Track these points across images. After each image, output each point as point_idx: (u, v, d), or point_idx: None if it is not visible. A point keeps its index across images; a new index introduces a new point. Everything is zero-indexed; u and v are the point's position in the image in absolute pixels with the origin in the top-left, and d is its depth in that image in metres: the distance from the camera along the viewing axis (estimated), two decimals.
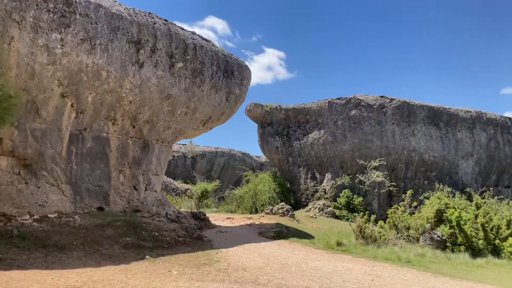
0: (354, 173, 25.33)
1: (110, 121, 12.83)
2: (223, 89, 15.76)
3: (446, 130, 27.31)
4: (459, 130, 27.75)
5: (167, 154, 15.59)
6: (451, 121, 27.54)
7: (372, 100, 25.89)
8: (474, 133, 28.26)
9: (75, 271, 7.55)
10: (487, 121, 29.00)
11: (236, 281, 7.92)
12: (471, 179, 28.10)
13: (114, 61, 11.57)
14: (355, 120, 25.29)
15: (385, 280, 9.10)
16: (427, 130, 26.49)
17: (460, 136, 27.65)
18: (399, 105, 25.91)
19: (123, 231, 11.01)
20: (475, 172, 28.40)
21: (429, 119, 26.71)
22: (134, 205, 13.74)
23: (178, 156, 42.19)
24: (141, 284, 7.11)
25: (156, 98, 13.25)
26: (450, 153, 27.11)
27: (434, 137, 26.63)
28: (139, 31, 12.32)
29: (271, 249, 12.36)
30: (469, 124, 28.16)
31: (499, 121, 29.71)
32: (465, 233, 14.64)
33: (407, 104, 26.25)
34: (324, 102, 26.32)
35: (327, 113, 25.99)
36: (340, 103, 25.91)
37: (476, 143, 28.22)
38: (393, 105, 25.82)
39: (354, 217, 20.64)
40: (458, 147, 27.47)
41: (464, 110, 28.76)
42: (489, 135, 28.86)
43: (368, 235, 14.82)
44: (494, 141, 29.00)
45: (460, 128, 27.78)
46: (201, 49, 14.56)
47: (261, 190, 26.08)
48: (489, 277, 10.63)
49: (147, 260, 9.30)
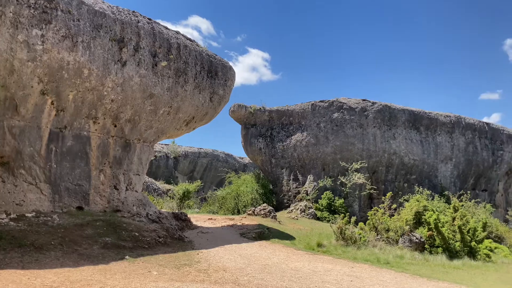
0: (336, 175, 25.58)
1: (91, 119, 12.68)
2: (207, 90, 15.73)
3: (426, 134, 27.81)
4: (439, 134, 28.28)
5: (148, 154, 15.47)
6: (431, 125, 28.04)
7: (354, 103, 26.19)
8: (453, 137, 28.84)
9: (52, 271, 7.44)
10: (466, 125, 29.63)
11: (216, 282, 7.92)
12: (450, 182, 28.66)
13: (96, 59, 11.44)
14: (338, 122, 25.55)
15: (364, 281, 9.21)
16: (408, 134, 26.93)
17: (439, 140, 28.19)
18: (380, 109, 26.27)
19: (103, 231, 10.87)
20: (454, 176, 28.98)
21: (409, 123, 27.15)
22: (115, 205, 13.59)
23: (160, 156, 41.86)
24: (120, 284, 7.04)
25: (138, 97, 13.15)
26: (430, 156, 27.60)
27: (414, 140, 27.09)
28: (122, 30, 12.21)
29: (252, 250, 12.38)
30: (448, 129, 28.72)
31: (477, 126, 30.39)
32: (442, 235, 14.91)
33: (389, 107, 26.63)
34: (308, 105, 26.51)
35: (310, 116, 26.19)
36: (323, 105, 26.14)
37: (455, 147, 28.80)
38: (375, 108, 26.16)
39: (335, 219, 20.88)
40: (438, 150, 27.99)
41: (444, 114, 29.32)
42: (468, 139, 29.49)
43: (348, 237, 14.98)
44: (472, 145, 29.65)
45: (439, 132, 28.32)
46: (185, 48, 14.51)
47: (244, 191, 26.12)
48: (465, 279, 10.86)
49: (127, 260, 9.21)
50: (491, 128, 31.21)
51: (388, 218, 16.65)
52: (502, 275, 12.01)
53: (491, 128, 31.29)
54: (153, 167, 40.11)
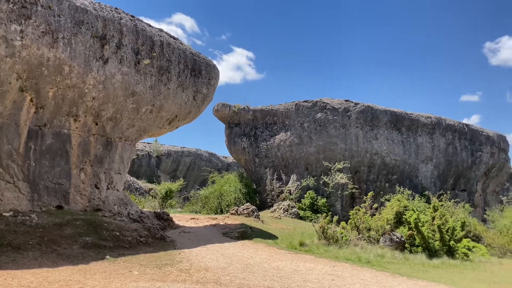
0: (318, 174, 25.73)
1: (72, 117, 12.47)
2: (190, 88, 15.64)
3: (407, 135, 28.21)
4: (420, 135, 28.72)
5: (130, 153, 15.30)
6: (412, 126, 28.45)
7: (338, 103, 26.40)
8: (433, 138, 29.32)
9: (30, 272, 7.30)
10: (446, 127, 30.16)
11: (198, 281, 7.88)
12: (430, 182, 29.14)
13: (77, 55, 11.25)
14: (321, 123, 25.71)
15: (345, 280, 9.30)
16: (389, 134, 27.27)
17: (420, 140, 28.63)
18: (363, 109, 26.54)
19: (83, 231, 10.71)
20: (434, 176, 29.47)
21: (391, 124, 27.50)
22: (95, 204, 13.41)
23: (142, 155, 41.46)
24: (100, 284, 6.95)
25: (120, 95, 12.99)
26: (411, 157, 28.01)
27: (396, 141, 27.45)
28: (105, 26, 12.04)
29: (235, 250, 12.37)
30: (429, 130, 29.18)
31: (457, 127, 30.97)
32: (422, 234, 15.15)
33: (371, 108, 26.92)
34: (291, 104, 26.61)
35: (294, 115, 26.29)
36: (307, 105, 26.28)
37: (435, 148, 29.29)
38: (357, 109, 26.42)
39: (317, 218, 20.99)
40: (419, 151, 28.43)
41: (425, 115, 29.79)
42: (448, 140, 30.03)
43: (330, 236, 15.09)
44: (452, 146, 30.21)
45: (420, 133, 28.76)
46: (168, 46, 14.39)
47: (227, 190, 26.07)
48: (443, 277, 11.06)
49: (107, 260, 9.10)
50: (470, 130, 31.86)
51: (370, 218, 16.83)
52: (479, 274, 12.28)
53: (471, 129, 31.94)
54: (135, 166, 39.71)
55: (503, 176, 36.15)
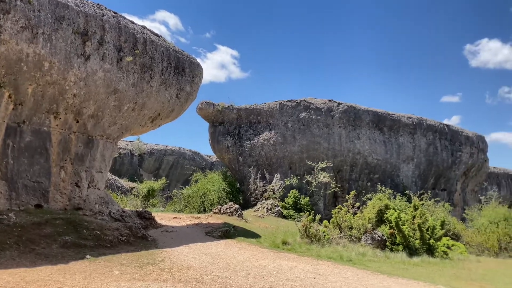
0: (302, 174, 25.86)
1: (52, 114, 12.24)
2: (174, 86, 15.52)
3: (389, 135, 28.57)
4: (401, 135, 29.12)
5: (112, 151, 15.11)
6: (394, 126, 28.83)
7: (321, 103, 26.57)
8: (415, 138, 29.77)
9: (7, 272, 7.14)
10: (427, 127, 30.64)
11: (180, 281, 7.83)
12: (411, 182, 29.58)
13: (58, 52, 11.03)
14: (304, 122, 25.83)
15: (326, 278, 9.36)
16: (372, 134, 27.58)
17: (402, 140, 29.03)
18: (346, 109, 26.77)
19: (63, 230, 10.53)
20: (415, 175, 29.92)
21: (373, 124, 27.81)
22: (76, 202, 13.20)
23: (124, 153, 40.98)
24: (80, 284, 6.84)
25: (102, 92, 12.80)
26: (392, 156, 28.38)
27: (378, 141, 27.77)
28: (86, 22, 11.84)
29: (217, 249, 12.34)
30: (410, 130, 29.61)
31: (438, 127, 31.51)
32: (403, 233, 15.37)
33: (354, 108, 27.18)
34: (276, 104, 26.67)
35: (278, 115, 26.36)
36: (291, 105, 26.37)
37: (416, 147, 29.74)
38: (341, 109, 26.64)
39: (300, 217, 21.07)
40: (400, 151, 28.82)
41: (407, 116, 30.21)
42: (429, 140, 30.52)
43: (312, 235, 15.19)
44: (433, 146, 30.72)
45: (402, 133, 29.16)
46: (151, 44, 14.25)
47: (210, 189, 25.98)
48: (423, 275, 11.24)
49: (88, 259, 8.97)
50: (450, 130, 32.44)
51: (352, 216, 16.99)
52: (458, 271, 12.53)
53: (451, 130, 32.53)
54: (117, 164, 39.24)
55: (482, 175, 36.94)
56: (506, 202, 35.56)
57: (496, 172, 52.17)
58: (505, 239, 19.19)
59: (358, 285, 9.01)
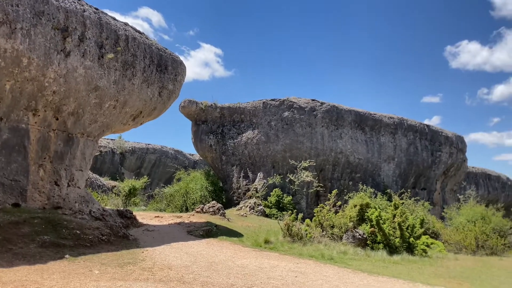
0: (285, 173, 25.97)
1: (31, 111, 11.98)
2: (156, 84, 15.38)
3: (370, 134, 28.93)
4: (383, 135, 29.52)
5: (93, 149, 14.89)
6: (375, 126, 29.19)
7: (304, 103, 26.72)
8: (396, 138, 30.21)
9: None
10: (408, 127, 31.13)
11: (161, 280, 7.77)
12: (392, 181, 30.02)
13: (37, 47, 10.81)
14: (288, 121, 25.94)
15: (308, 277, 9.42)
16: (354, 134, 27.88)
17: (383, 140, 29.42)
18: (328, 109, 26.99)
19: (41, 229, 10.33)
20: (396, 175, 30.37)
21: (355, 123, 28.12)
22: (55, 201, 12.96)
23: (105, 152, 40.43)
24: (58, 284, 6.73)
25: (82, 89, 12.60)
26: (374, 156, 28.74)
27: (359, 140, 28.09)
28: (67, 18, 11.63)
29: (199, 248, 12.29)
30: (391, 130, 30.04)
31: (419, 127, 32.04)
32: (383, 231, 15.56)
33: (336, 108, 27.42)
34: (259, 103, 26.70)
35: (261, 114, 26.39)
36: (274, 104, 26.44)
37: (397, 147, 30.19)
38: (323, 108, 26.83)
39: (283, 216, 21.15)
40: (381, 150, 29.21)
41: (388, 116, 30.63)
42: (409, 140, 31.01)
43: (295, 233, 15.25)
44: (413, 146, 31.22)
45: (383, 133, 29.56)
46: (133, 41, 14.09)
47: (193, 188, 25.85)
48: (403, 273, 11.41)
49: (67, 259, 8.82)
50: (431, 130, 33.03)
51: (333, 215, 17.12)
52: (436, 269, 12.75)
53: (431, 130, 33.12)
54: (98, 162, 38.71)
55: (461, 175, 37.73)
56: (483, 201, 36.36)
57: (474, 171, 53.37)
58: (482, 238, 19.63)
59: (339, 283, 9.09)
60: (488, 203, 37.90)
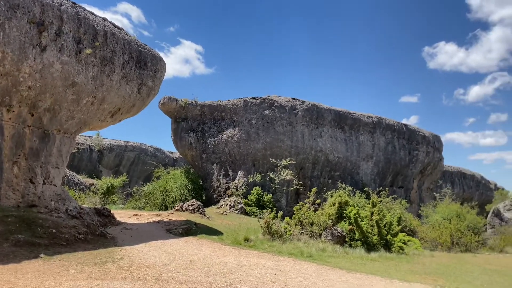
0: (265, 171, 26.02)
1: (5, 107, 11.66)
2: (135, 80, 15.18)
3: (350, 133, 29.26)
4: (362, 134, 29.90)
5: (69, 146, 14.60)
6: (354, 125, 29.54)
7: (285, 101, 26.81)
8: (374, 137, 30.64)
9: None
10: (386, 126, 31.61)
11: (139, 279, 7.69)
12: (370, 179, 30.45)
13: (11, 41, 10.52)
14: (268, 119, 25.98)
15: (287, 274, 9.47)
16: (333, 132, 28.15)
17: (362, 139, 29.80)
18: (309, 108, 27.16)
19: (15, 228, 10.08)
20: (374, 173, 30.81)
21: (335, 122, 28.39)
22: (30, 199, 12.66)
23: (83, 149, 39.72)
24: (32, 284, 6.57)
25: (59, 85, 12.32)
26: (353, 154, 29.08)
27: (339, 139, 28.38)
28: (43, 12, 11.35)
29: (178, 246, 12.20)
30: (370, 129, 30.45)
31: (396, 127, 32.57)
32: (361, 229, 15.77)
33: (316, 107, 27.62)
34: (240, 101, 26.66)
35: (242, 112, 26.36)
36: (255, 102, 26.45)
37: (375, 146, 30.63)
38: (304, 107, 26.99)
39: (263, 214, 21.20)
40: (360, 149, 29.58)
41: (367, 115, 31.04)
42: (387, 139, 31.50)
43: (274, 231, 15.30)
44: (391, 145, 31.73)
45: (362, 132, 29.94)
46: (112, 36, 13.85)
47: (172, 186, 25.63)
48: (380, 270, 11.59)
49: (42, 258, 8.63)
50: (408, 130, 33.62)
51: (313, 213, 17.25)
52: (413, 266, 13.00)
53: (409, 129, 33.72)
54: (75, 160, 38.01)
55: (437, 174, 38.55)
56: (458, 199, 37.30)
57: (450, 170, 54.61)
58: (457, 235, 20.10)
59: (317, 280, 9.17)
60: (463, 201, 38.93)
